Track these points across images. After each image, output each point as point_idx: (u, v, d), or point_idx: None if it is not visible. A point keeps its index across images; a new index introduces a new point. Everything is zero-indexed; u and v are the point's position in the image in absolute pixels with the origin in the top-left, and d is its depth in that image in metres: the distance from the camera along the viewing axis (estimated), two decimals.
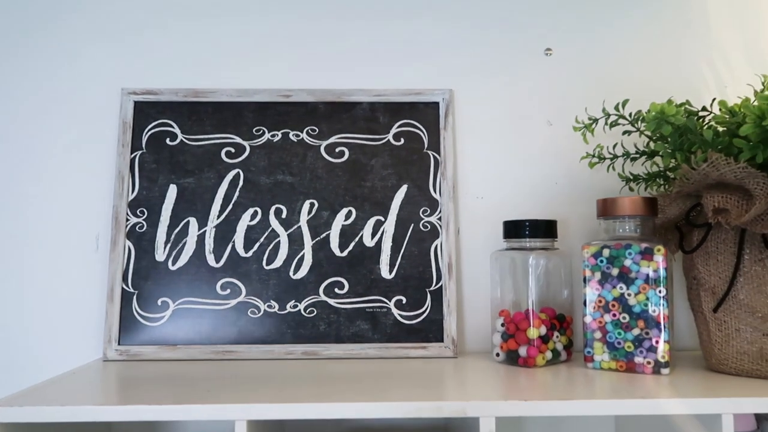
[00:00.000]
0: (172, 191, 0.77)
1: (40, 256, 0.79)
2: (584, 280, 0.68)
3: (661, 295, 0.64)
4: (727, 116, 0.63)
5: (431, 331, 0.75)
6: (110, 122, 0.80)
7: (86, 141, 0.80)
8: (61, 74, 0.81)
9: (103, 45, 0.82)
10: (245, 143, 0.79)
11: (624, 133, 0.71)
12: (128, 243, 0.76)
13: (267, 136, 0.79)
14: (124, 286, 0.75)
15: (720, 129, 0.64)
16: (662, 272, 0.64)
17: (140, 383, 0.62)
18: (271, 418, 0.54)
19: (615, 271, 0.66)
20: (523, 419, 0.79)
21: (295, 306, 0.75)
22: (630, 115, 0.70)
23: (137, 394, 0.59)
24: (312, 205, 0.78)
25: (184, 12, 0.82)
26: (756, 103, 0.59)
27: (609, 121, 0.71)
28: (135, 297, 0.75)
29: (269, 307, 0.75)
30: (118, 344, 0.74)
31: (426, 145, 0.79)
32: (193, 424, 0.77)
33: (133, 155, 0.78)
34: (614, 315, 0.66)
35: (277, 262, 0.76)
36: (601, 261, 0.67)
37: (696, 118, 0.67)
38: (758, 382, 0.59)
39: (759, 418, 0.72)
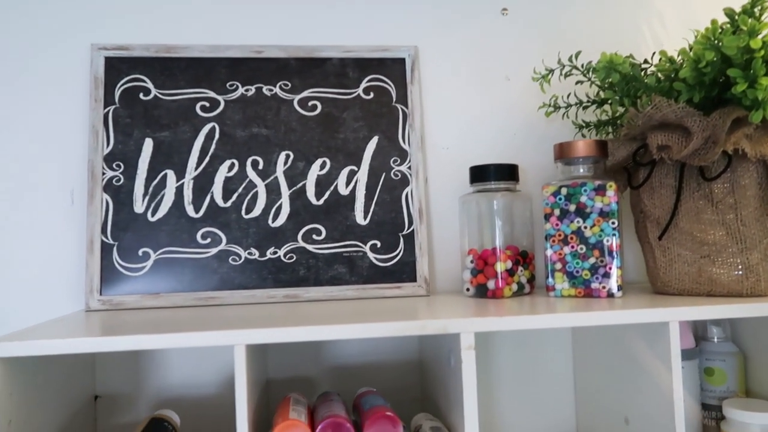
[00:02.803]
0: (148, 145, 0.79)
1: (15, 212, 0.78)
2: (545, 217, 0.75)
3: (614, 226, 0.71)
4: (667, 64, 0.71)
5: (405, 272, 0.80)
6: (81, 78, 0.80)
7: (58, 96, 0.80)
8: (30, 30, 0.80)
9: (73, 1, 0.81)
10: (219, 98, 0.81)
11: (576, 83, 0.78)
12: (105, 196, 0.77)
13: (241, 90, 0.81)
14: (104, 238, 0.76)
15: (661, 76, 0.71)
16: (614, 206, 0.71)
17: (129, 326, 0.64)
18: (270, 341, 0.57)
19: (572, 207, 0.73)
20: (493, 336, 0.85)
21: (275, 252, 0.79)
22: (582, 66, 0.77)
23: (131, 332, 0.61)
24: (288, 156, 0.81)
25: None
26: (692, 50, 0.66)
27: (563, 72, 0.77)
28: (115, 248, 0.76)
29: (250, 254, 0.78)
30: (100, 294, 0.75)
31: (394, 99, 0.84)
32: (179, 364, 0.79)
33: (106, 110, 0.79)
34: (572, 247, 0.73)
35: (256, 211, 0.79)
36: (560, 199, 0.73)
37: (639, 69, 0.75)
38: (698, 299, 0.67)
39: (696, 337, 0.81)
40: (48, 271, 0.78)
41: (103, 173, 0.78)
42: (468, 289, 0.77)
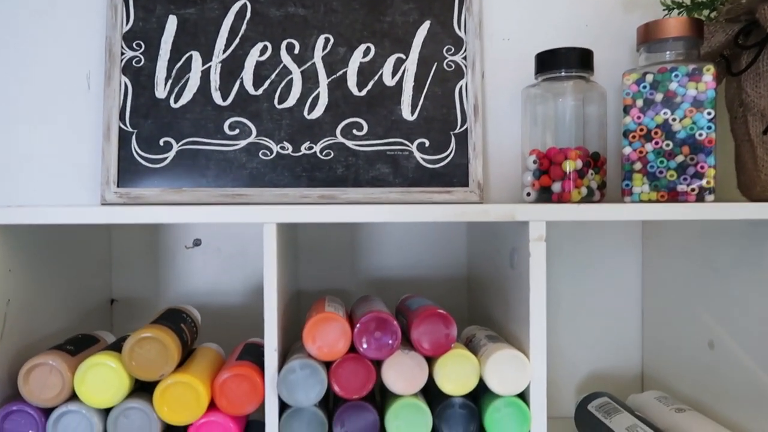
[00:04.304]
0: (172, 23, 0.70)
1: (27, 97, 0.71)
2: (624, 109, 0.64)
3: (709, 117, 0.60)
4: None
5: (456, 175, 0.71)
6: None
7: None
8: None
9: None
10: None
11: None
12: (124, 78, 0.69)
13: None
14: (122, 125, 0.69)
15: None
16: (711, 93, 0.60)
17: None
18: (303, 220, 0.49)
19: (659, 97, 0.62)
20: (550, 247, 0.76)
21: (311, 148, 0.70)
22: None
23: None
24: (327, 40, 0.71)
25: None
26: None
27: None
28: (134, 137, 0.69)
29: (282, 148, 0.70)
30: (117, 187, 0.68)
31: None
32: (202, 269, 0.72)
33: None
34: (656, 143, 0.62)
35: (290, 101, 0.70)
36: (644, 87, 0.62)
37: None
38: None
39: None
40: (61, 162, 0.71)
41: (122, 53, 0.69)
42: (529, 194, 0.67)
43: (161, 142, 0.69)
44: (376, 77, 0.71)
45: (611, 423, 0.59)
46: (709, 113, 0.60)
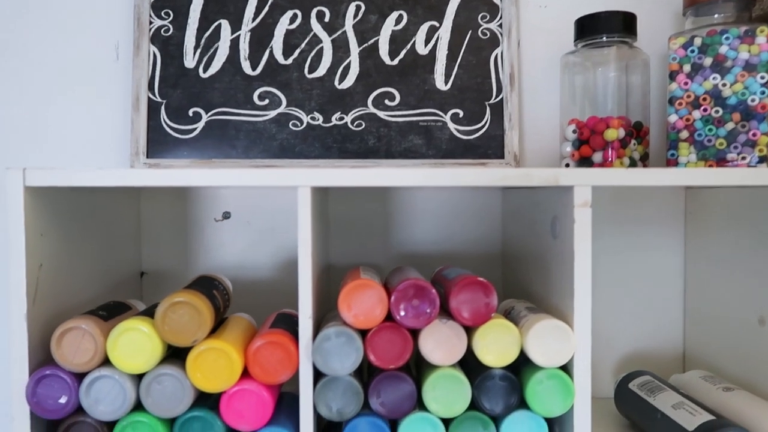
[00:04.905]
0: None
1: (56, 70, 0.70)
2: (670, 75, 0.61)
3: (763, 81, 0.57)
4: None
5: (491, 147, 0.69)
6: None
7: None
8: None
9: None
10: None
11: None
12: (153, 48, 0.68)
13: None
14: (151, 95, 0.68)
15: None
16: (765, 56, 0.57)
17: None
18: (339, 184, 0.47)
19: (708, 61, 0.59)
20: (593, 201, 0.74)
21: (341, 118, 0.68)
22: None
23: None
24: (358, 7, 0.69)
25: None
26: None
27: None
28: (163, 107, 0.68)
29: (312, 119, 0.68)
30: (147, 158, 0.67)
31: None
32: (232, 243, 0.70)
33: None
34: (705, 110, 0.59)
35: (321, 70, 0.69)
36: (692, 51, 0.60)
37: None
38: None
39: None
40: (90, 133, 0.70)
41: (151, 22, 0.68)
42: (567, 165, 0.65)
43: (190, 113, 0.68)
44: (408, 46, 0.69)
45: (655, 401, 0.57)
46: (762, 77, 0.57)
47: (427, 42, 0.69)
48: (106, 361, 0.46)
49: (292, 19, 0.69)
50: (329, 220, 0.70)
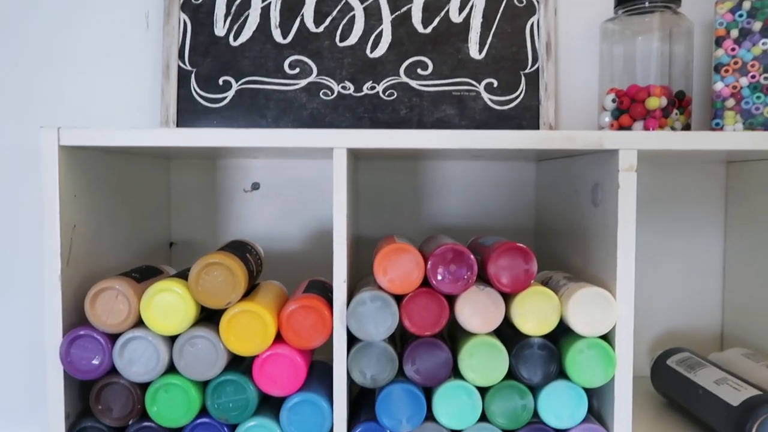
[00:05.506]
0: None
1: (87, 39, 0.70)
2: (716, 41, 0.59)
3: None
4: None
5: (525, 118, 0.67)
6: None
7: None
8: None
9: None
10: None
11: None
12: (183, 16, 0.67)
13: None
14: (181, 64, 0.67)
15: None
16: None
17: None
18: (377, 146, 0.46)
19: (757, 26, 0.57)
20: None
21: (373, 88, 0.67)
22: None
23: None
24: None
25: None
26: None
27: None
28: (193, 75, 0.67)
29: (344, 88, 0.67)
30: (177, 126, 0.67)
31: None
32: (261, 214, 0.70)
33: None
34: (753, 77, 0.57)
35: (352, 39, 0.67)
36: (740, 16, 0.57)
37: None
38: None
39: None
40: (121, 101, 0.70)
41: None
42: None
43: (220, 81, 0.67)
44: (442, 13, 0.67)
45: (696, 377, 0.55)
46: None
47: (461, 10, 0.68)
48: (139, 323, 0.46)
49: None
50: (359, 192, 0.69)
